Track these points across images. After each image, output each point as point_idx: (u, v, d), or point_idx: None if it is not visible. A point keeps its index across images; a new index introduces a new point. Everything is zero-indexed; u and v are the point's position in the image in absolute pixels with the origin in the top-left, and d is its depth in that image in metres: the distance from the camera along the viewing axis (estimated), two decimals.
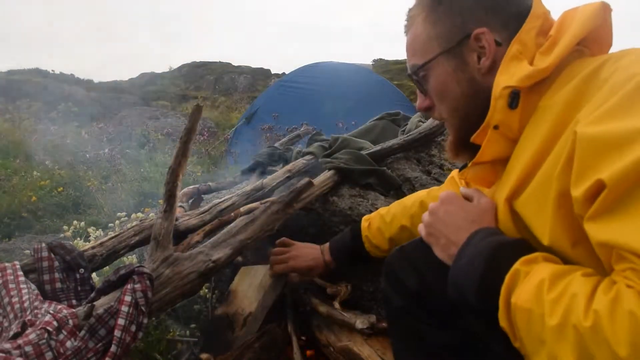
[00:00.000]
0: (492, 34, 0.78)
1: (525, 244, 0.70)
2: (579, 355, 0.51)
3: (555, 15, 0.79)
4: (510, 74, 0.74)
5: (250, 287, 1.61)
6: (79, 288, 1.29)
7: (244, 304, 1.56)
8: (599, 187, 0.54)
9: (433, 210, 0.87)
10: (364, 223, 1.48)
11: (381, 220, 1.41)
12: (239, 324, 1.50)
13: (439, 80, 0.85)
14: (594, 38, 0.75)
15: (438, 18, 0.83)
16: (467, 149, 0.85)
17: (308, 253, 1.58)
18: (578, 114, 0.62)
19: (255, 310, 1.53)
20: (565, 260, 0.65)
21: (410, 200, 1.37)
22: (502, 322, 0.64)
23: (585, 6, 0.75)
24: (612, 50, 0.77)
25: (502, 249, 0.69)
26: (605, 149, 0.55)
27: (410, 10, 0.90)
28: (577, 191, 0.57)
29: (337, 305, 1.58)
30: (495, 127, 0.76)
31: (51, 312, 1.04)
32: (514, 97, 0.73)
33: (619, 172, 0.52)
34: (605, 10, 0.74)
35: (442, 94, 0.86)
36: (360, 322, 1.51)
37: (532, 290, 0.59)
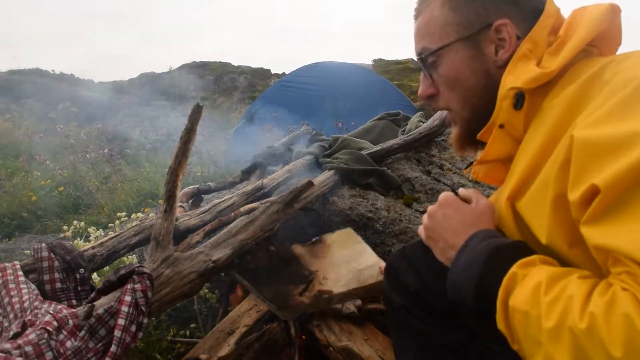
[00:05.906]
0: (512, 26, 0.77)
1: (522, 246, 0.69)
2: (575, 356, 0.51)
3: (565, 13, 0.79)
4: (517, 75, 0.73)
5: (344, 265, 1.49)
6: (79, 288, 1.29)
7: (331, 276, 1.44)
8: (593, 192, 0.55)
9: (431, 213, 0.86)
10: None
11: None
12: (312, 291, 1.38)
13: (452, 67, 0.83)
14: (603, 38, 0.75)
15: (459, 4, 0.81)
16: (472, 143, 0.85)
17: None
18: (578, 117, 0.62)
19: (338, 295, 1.41)
20: (563, 261, 0.65)
21: None
22: (500, 324, 0.64)
23: (594, 7, 0.74)
24: (621, 49, 0.77)
25: (499, 251, 0.68)
26: (600, 153, 0.55)
27: None
28: (573, 195, 0.57)
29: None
30: (501, 126, 0.76)
31: (51, 312, 1.04)
32: (519, 98, 0.73)
33: (612, 176, 0.53)
34: (614, 11, 0.73)
35: (454, 82, 0.83)
36: (346, 308, 1.53)
37: (529, 293, 0.59)
